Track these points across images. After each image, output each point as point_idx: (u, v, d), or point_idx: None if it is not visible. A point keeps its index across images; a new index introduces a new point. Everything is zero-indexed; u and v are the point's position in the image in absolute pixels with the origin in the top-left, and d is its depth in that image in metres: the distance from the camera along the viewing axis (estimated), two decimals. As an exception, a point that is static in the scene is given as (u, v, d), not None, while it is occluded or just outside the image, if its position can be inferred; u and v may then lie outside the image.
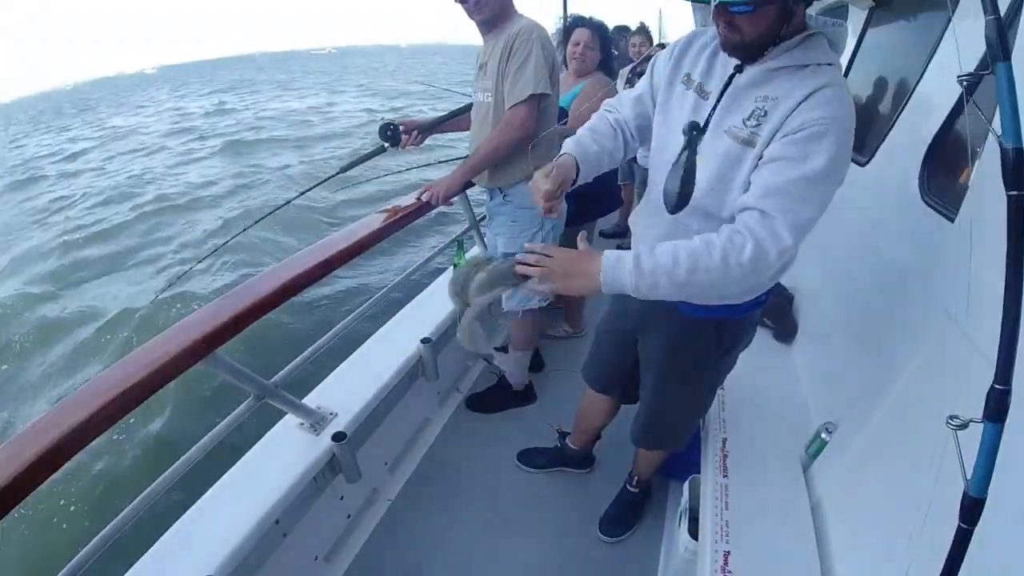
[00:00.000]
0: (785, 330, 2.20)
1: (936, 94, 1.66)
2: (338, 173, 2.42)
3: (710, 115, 1.14)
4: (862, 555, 1.30)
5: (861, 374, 1.62)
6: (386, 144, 2.25)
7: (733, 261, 0.98)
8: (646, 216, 1.38)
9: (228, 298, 1.48)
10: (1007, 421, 0.70)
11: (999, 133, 0.70)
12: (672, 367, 1.49)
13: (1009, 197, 0.71)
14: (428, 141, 2.32)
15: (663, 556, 1.89)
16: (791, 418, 1.83)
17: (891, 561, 1.15)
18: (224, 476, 1.62)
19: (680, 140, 1.16)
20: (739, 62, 1.10)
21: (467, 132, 2.27)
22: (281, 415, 1.80)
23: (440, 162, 3.43)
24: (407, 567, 1.88)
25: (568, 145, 1.28)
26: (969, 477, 0.71)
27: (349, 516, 1.95)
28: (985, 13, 0.71)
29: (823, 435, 1.61)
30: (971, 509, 0.72)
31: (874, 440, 1.38)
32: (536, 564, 1.89)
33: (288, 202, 2.57)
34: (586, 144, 1.27)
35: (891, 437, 1.33)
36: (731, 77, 1.11)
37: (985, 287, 1.10)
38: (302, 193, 2.63)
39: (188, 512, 1.51)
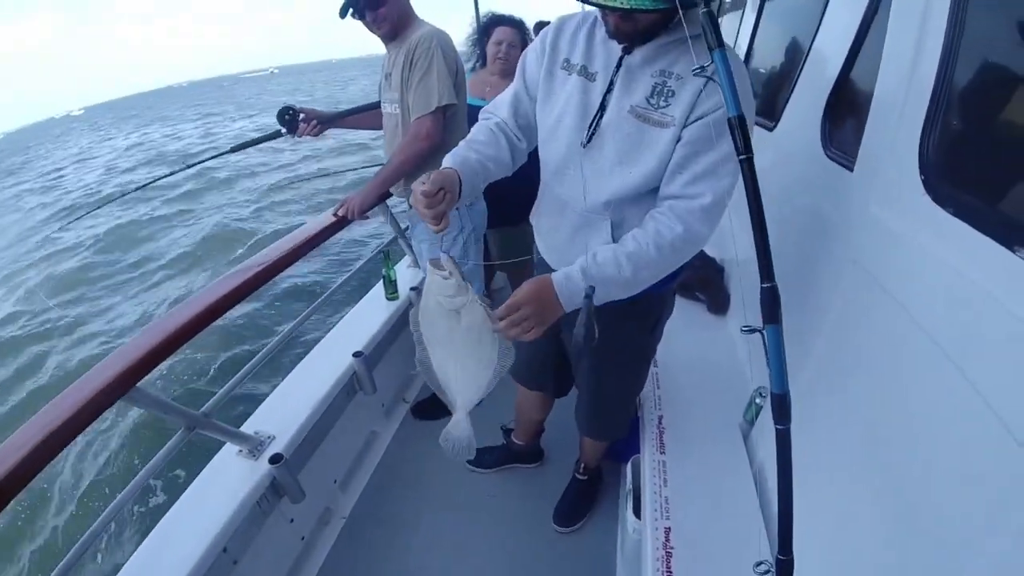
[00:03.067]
0: (718, 301, 2.24)
1: (829, 53, 1.70)
2: (229, 152, 2.34)
3: (606, 97, 1.12)
4: (807, 511, 1.32)
5: (788, 335, 1.65)
6: (282, 129, 2.19)
7: (668, 248, 1.06)
8: (549, 216, 1.36)
9: (145, 333, 1.43)
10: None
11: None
12: (602, 354, 1.47)
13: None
14: (330, 135, 2.29)
15: (619, 539, 1.90)
16: (729, 388, 1.86)
17: (834, 512, 1.18)
18: (168, 512, 1.58)
19: (570, 126, 1.17)
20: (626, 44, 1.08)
21: (368, 132, 2.26)
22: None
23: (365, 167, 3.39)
24: None
25: (445, 160, 1.21)
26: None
27: (303, 538, 1.91)
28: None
29: (757, 400, 1.65)
30: (780, 405, 0.80)
31: (804, 397, 1.40)
32: (497, 562, 1.89)
33: (164, 176, 2.55)
34: (462, 154, 1.22)
35: (820, 391, 1.35)
36: (621, 59, 1.09)
37: (883, 231, 1.13)
38: (189, 166, 2.56)
39: (136, 553, 1.46)
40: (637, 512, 1.59)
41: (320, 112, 2.22)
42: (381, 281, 2.58)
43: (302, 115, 2.18)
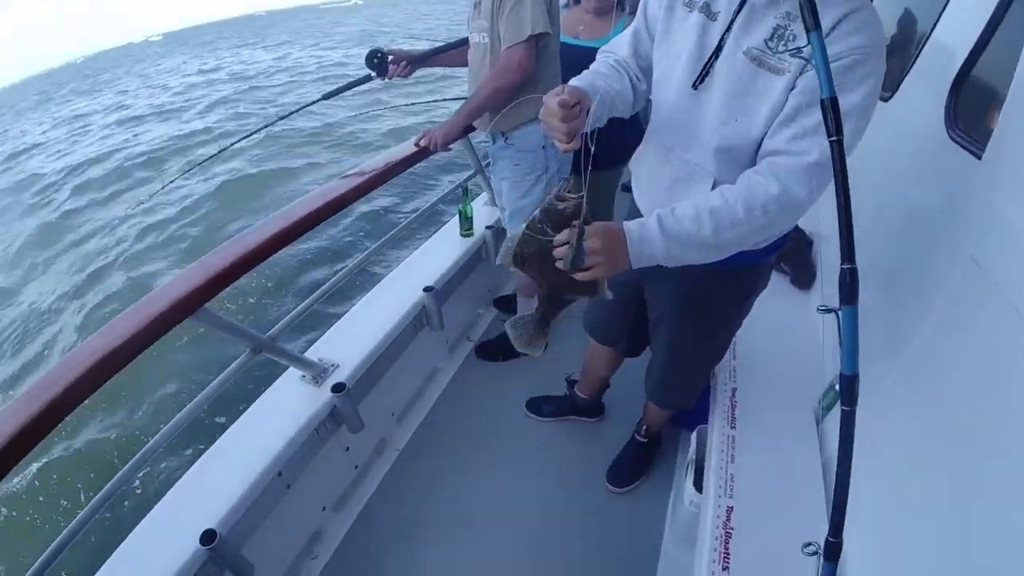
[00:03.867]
0: (802, 276, 2.10)
1: (965, 19, 1.49)
2: (320, 99, 2.33)
3: (723, 37, 1.00)
4: (876, 515, 1.25)
5: (881, 324, 1.53)
6: (372, 73, 2.15)
7: (759, 210, 0.94)
8: (650, 163, 1.26)
9: (217, 252, 1.44)
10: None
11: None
12: (686, 320, 1.41)
13: None
14: (416, 74, 2.22)
15: (671, 507, 1.87)
16: (806, 368, 1.76)
17: (902, 504, 1.11)
18: (226, 432, 1.63)
19: (684, 67, 1.06)
20: None
21: (460, 68, 2.16)
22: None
23: (446, 100, 3.32)
24: (415, 516, 1.89)
25: (572, 82, 1.09)
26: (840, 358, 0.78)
27: (356, 467, 1.96)
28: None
29: (838, 387, 1.54)
30: (849, 387, 0.79)
31: (894, 393, 1.31)
32: (543, 513, 1.89)
33: (267, 125, 2.53)
34: (590, 80, 1.11)
35: (912, 390, 1.25)
36: None
37: (1012, 230, 1.00)
38: (281, 118, 2.55)
39: (191, 469, 1.52)
40: (699, 485, 1.54)
41: (408, 52, 2.17)
42: (457, 216, 2.55)
43: (391, 56, 2.13)
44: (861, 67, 0.88)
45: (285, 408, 1.68)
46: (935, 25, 1.64)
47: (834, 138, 0.74)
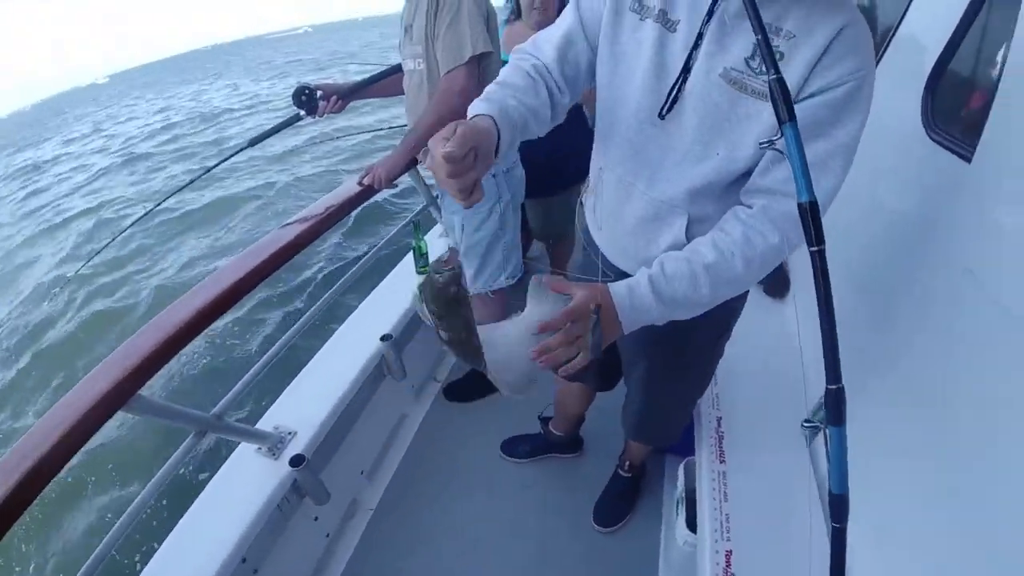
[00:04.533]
0: (776, 284, 2.04)
1: (936, 11, 1.43)
2: (247, 146, 2.14)
3: (691, 55, 0.86)
4: (877, 535, 1.18)
5: (867, 336, 1.46)
6: (301, 112, 1.99)
7: (758, 262, 0.85)
8: (608, 200, 1.10)
9: (146, 331, 1.29)
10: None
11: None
12: (665, 360, 1.29)
13: None
14: (351, 106, 2.09)
15: (663, 543, 1.78)
16: (789, 384, 1.68)
17: (911, 540, 1.04)
18: (180, 522, 1.47)
19: (642, 89, 0.92)
20: None
21: (395, 97, 2.04)
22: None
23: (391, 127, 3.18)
24: None
25: (476, 107, 0.91)
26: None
27: (328, 535, 1.82)
28: None
29: (824, 408, 1.47)
30: (837, 506, 0.75)
31: (886, 410, 1.24)
32: (530, 560, 1.78)
33: (191, 181, 2.35)
34: (499, 99, 0.91)
35: (907, 407, 1.18)
36: (713, 5, 0.82)
37: (1007, 236, 0.94)
38: (207, 170, 2.34)
39: (150, 563, 1.37)
40: (692, 525, 1.45)
41: (338, 86, 2.02)
42: (411, 253, 2.42)
43: (320, 92, 1.98)
44: (857, 94, 0.79)
45: (242, 487, 1.54)
46: (902, 18, 1.59)
47: (815, 248, 0.69)
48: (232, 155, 2.25)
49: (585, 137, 1.28)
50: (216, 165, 2.29)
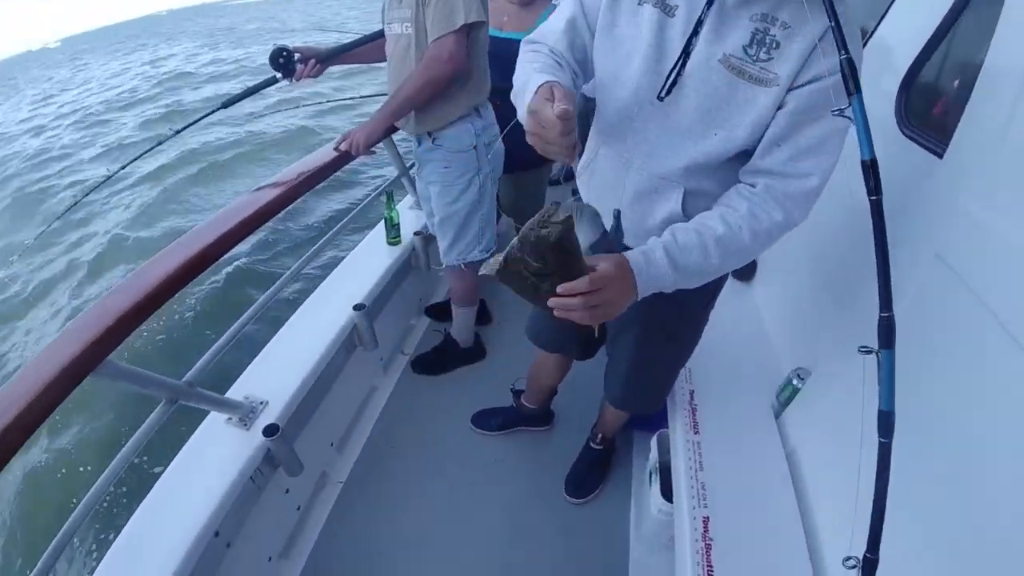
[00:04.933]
0: (743, 268, 2.10)
1: (913, 17, 1.50)
2: (219, 108, 2.06)
3: (691, 40, 0.89)
4: (842, 508, 1.24)
5: (835, 318, 1.53)
6: (278, 75, 1.92)
7: (763, 236, 0.91)
8: (604, 174, 1.13)
9: (116, 293, 1.23)
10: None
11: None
12: (658, 324, 1.32)
13: None
14: (329, 71, 2.01)
15: (633, 514, 1.82)
16: (758, 362, 1.75)
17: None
18: (148, 495, 1.41)
19: (641, 71, 0.95)
20: None
21: (376, 64, 1.99)
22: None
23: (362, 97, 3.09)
24: (368, 550, 1.75)
25: (541, 78, 0.87)
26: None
27: (299, 508, 1.79)
28: None
29: (795, 381, 1.54)
30: (885, 422, 0.82)
31: (857, 389, 1.30)
32: (502, 532, 1.80)
33: (159, 143, 2.18)
34: (549, 67, 0.94)
35: (876, 387, 1.25)
36: None
37: (978, 227, 1.01)
38: (177, 132, 2.20)
39: (114, 545, 1.30)
40: (667, 494, 1.50)
41: (317, 50, 1.94)
42: (382, 223, 2.38)
43: (298, 55, 1.91)
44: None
45: (213, 458, 1.48)
46: (880, 22, 1.65)
47: (874, 197, 0.76)
48: (204, 116, 2.13)
49: None
50: (187, 126, 2.17)
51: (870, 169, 0.76)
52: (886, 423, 0.82)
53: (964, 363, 1.00)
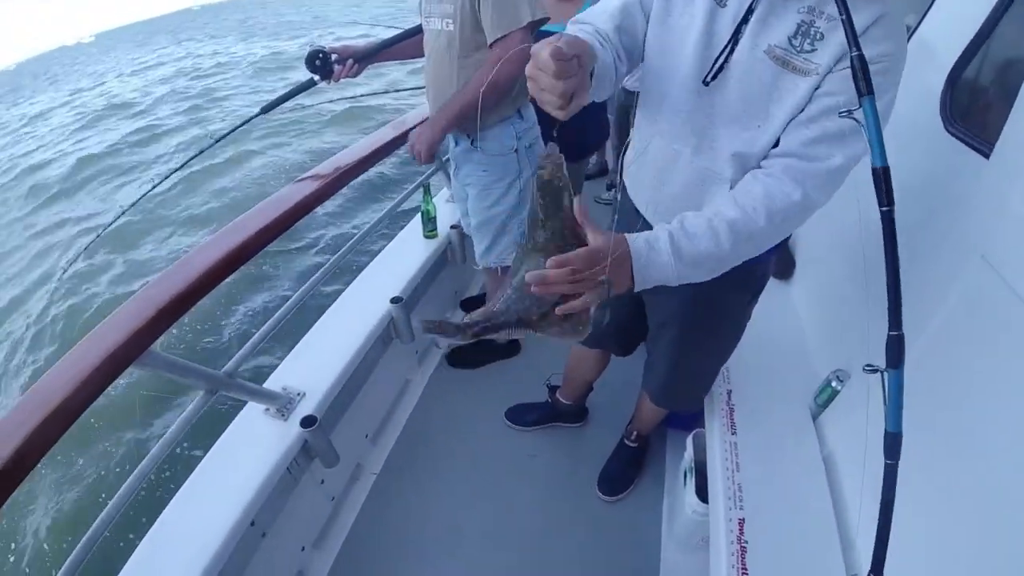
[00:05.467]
0: (781, 266, 2.05)
1: (957, 14, 1.45)
2: (259, 114, 2.06)
3: (738, 31, 0.89)
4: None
5: (877, 320, 1.48)
6: (316, 77, 1.91)
7: (780, 218, 0.86)
8: (653, 165, 1.12)
9: (159, 283, 1.26)
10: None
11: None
12: (699, 322, 1.30)
13: None
14: (367, 72, 1.99)
15: (666, 513, 1.81)
16: (795, 363, 1.71)
17: (915, 523, 1.06)
18: (186, 483, 1.45)
19: (692, 58, 0.94)
20: None
21: (414, 60, 1.98)
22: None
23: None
24: (400, 542, 1.78)
25: (569, 32, 0.89)
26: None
27: (333, 498, 1.82)
28: None
29: (834, 383, 1.50)
30: (892, 443, 0.79)
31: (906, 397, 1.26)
32: (535, 527, 1.80)
33: (200, 152, 2.19)
34: (590, 37, 0.90)
35: (919, 394, 1.20)
36: None
37: None
38: (216, 141, 2.20)
39: (149, 533, 1.34)
40: (702, 495, 1.48)
41: (355, 48, 1.92)
42: (419, 216, 2.40)
43: (335, 56, 1.89)
44: (888, 75, 0.82)
45: (251, 448, 1.52)
46: (923, 19, 1.60)
47: (885, 208, 0.73)
48: (243, 124, 2.14)
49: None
50: (227, 134, 2.20)
51: (882, 178, 0.72)
52: (893, 444, 0.80)
53: (1008, 366, 0.97)
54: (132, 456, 3.37)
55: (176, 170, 2.34)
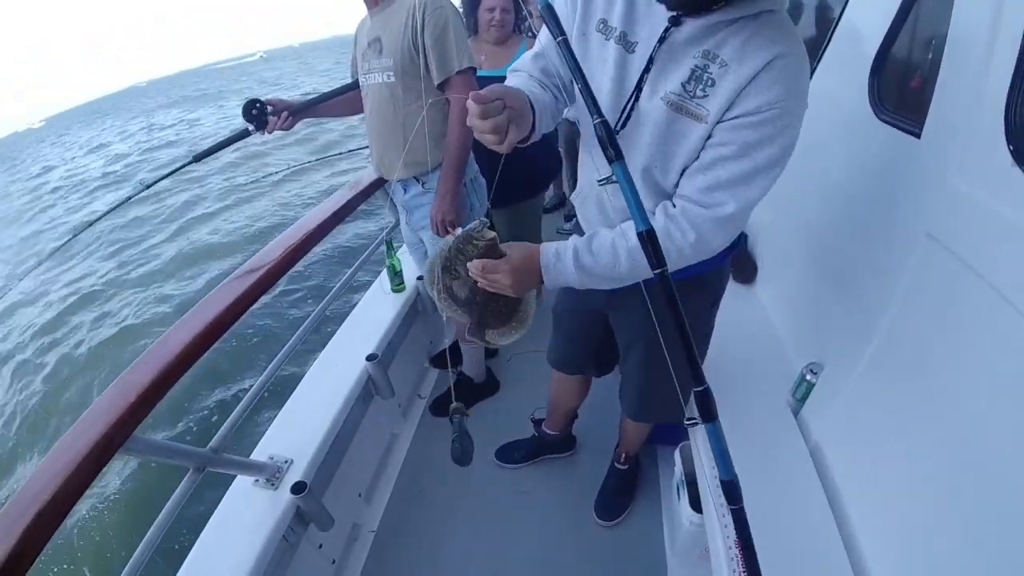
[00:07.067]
0: (743, 270, 2.12)
1: (874, 1, 1.55)
2: (191, 162, 2.07)
3: (642, 77, 0.94)
4: (873, 497, 1.24)
5: (840, 309, 1.54)
6: (250, 127, 1.93)
7: (674, 253, 0.95)
8: (593, 204, 1.21)
9: (132, 371, 1.26)
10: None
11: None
12: (659, 333, 1.35)
13: None
14: (299, 126, 2.04)
15: (666, 529, 1.81)
16: (769, 362, 1.76)
17: (905, 498, 1.10)
18: (186, 561, 1.42)
19: (606, 105, 0.99)
20: (676, 13, 0.88)
21: (351, 117, 2.05)
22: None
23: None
24: None
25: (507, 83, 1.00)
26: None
27: (334, 562, 1.79)
28: None
29: (808, 377, 1.54)
30: (730, 490, 0.87)
31: (870, 376, 1.31)
32: (537, 564, 1.79)
33: (129, 198, 2.23)
34: (523, 84, 1.01)
35: (889, 371, 1.26)
36: (666, 30, 0.89)
37: (964, 202, 1.02)
38: (147, 187, 2.19)
39: None
40: (696, 505, 1.49)
41: (289, 102, 1.97)
42: (384, 272, 2.42)
43: (270, 108, 1.93)
44: (778, 121, 0.86)
45: (245, 521, 1.49)
46: (844, 7, 1.69)
47: (658, 270, 0.77)
48: (173, 171, 2.15)
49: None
50: (158, 180, 2.19)
51: (647, 241, 0.75)
52: (731, 490, 0.87)
53: (970, 339, 1.00)
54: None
55: (105, 214, 2.33)
